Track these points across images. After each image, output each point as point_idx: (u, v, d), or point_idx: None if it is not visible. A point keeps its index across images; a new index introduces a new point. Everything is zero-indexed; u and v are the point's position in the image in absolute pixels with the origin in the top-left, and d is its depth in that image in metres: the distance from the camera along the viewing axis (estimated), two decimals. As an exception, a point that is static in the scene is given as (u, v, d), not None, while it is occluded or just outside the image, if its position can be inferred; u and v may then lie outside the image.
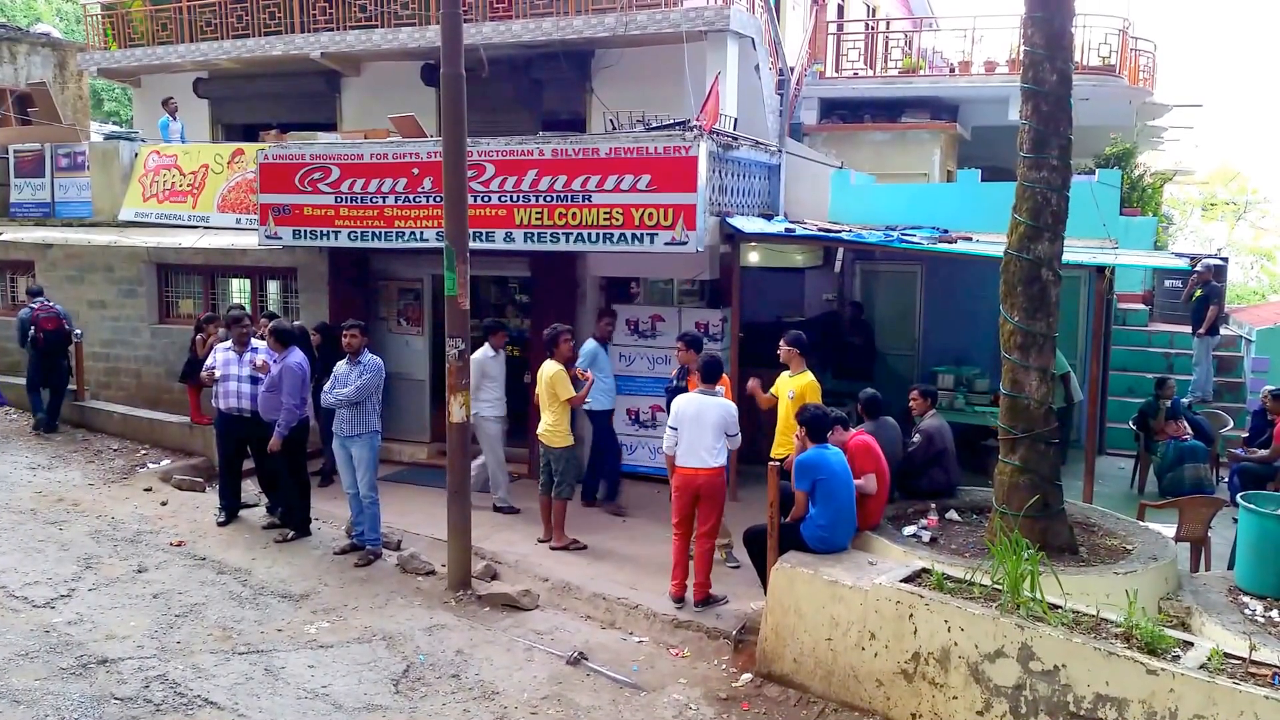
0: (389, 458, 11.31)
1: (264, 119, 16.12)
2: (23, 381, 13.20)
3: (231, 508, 9.96)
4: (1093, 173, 12.73)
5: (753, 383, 9.08)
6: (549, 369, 9.30)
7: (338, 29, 14.90)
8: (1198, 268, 13.37)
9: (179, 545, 9.22)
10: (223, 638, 7.40)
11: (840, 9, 19.51)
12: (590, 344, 10.29)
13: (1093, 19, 15.97)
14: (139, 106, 18.06)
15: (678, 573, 7.94)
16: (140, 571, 8.58)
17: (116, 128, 24.32)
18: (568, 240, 10.09)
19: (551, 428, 9.26)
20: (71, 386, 13.14)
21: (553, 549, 9.24)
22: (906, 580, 6.53)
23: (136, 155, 14.41)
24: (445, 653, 7.29)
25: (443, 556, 8.68)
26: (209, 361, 10.01)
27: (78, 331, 13.19)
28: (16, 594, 8.00)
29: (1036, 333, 7.11)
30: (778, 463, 7.54)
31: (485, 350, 10.18)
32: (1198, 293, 13.39)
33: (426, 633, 7.61)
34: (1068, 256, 7.50)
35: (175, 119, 15.84)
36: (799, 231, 10.55)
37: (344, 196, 11.07)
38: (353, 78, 15.76)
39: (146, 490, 10.83)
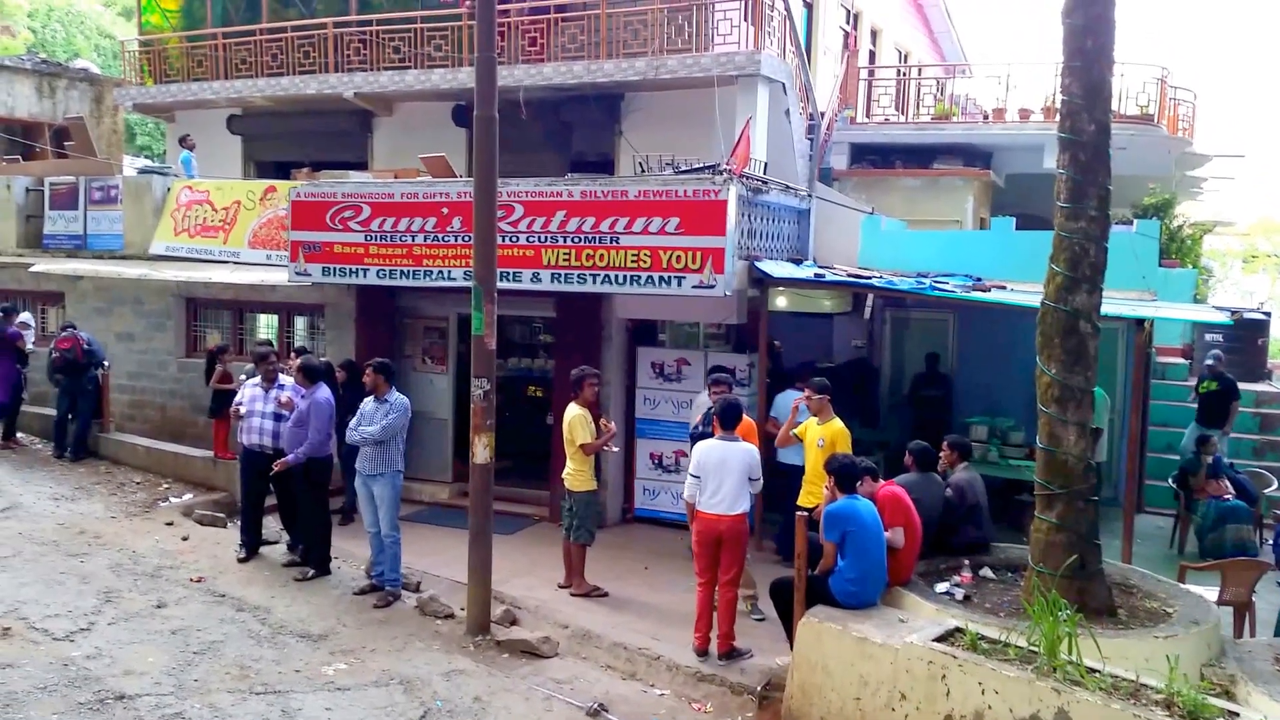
0: (410, 497, 11.21)
1: (296, 156, 16.26)
2: (52, 412, 13.25)
3: (252, 544, 9.90)
4: (1131, 223, 12.60)
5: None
6: (570, 412, 9.18)
7: (371, 69, 15.04)
8: (1207, 359, 12.54)
9: (199, 581, 9.14)
10: (240, 677, 7.30)
11: (872, 55, 19.56)
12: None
13: (1130, 67, 15.88)
14: (172, 142, 18.27)
15: (701, 624, 7.77)
16: (160, 607, 8.51)
17: (149, 162, 24.66)
18: (594, 281, 10.05)
19: (574, 471, 9.15)
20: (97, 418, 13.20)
21: (573, 595, 9.09)
22: (939, 639, 6.33)
23: (169, 190, 14.54)
24: (463, 699, 7.15)
25: (462, 599, 8.56)
26: (236, 397, 10.01)
27: (105, 363, 13.27)
28: (37, 626, 7.94)
29: (1075, 386, 6.95)
30: (806, 512, 7.40)
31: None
32: (1207, 384, 12.27)
33: (445, 678, 7.47)
34: (1106, 308, 7.36)
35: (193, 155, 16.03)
36: (829, 277, 10.47)
37: (374, 235, 11.10)
38: (384, 117, 15.89)
39: (168, 524, 10.79)
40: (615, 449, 9.95)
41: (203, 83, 16.51)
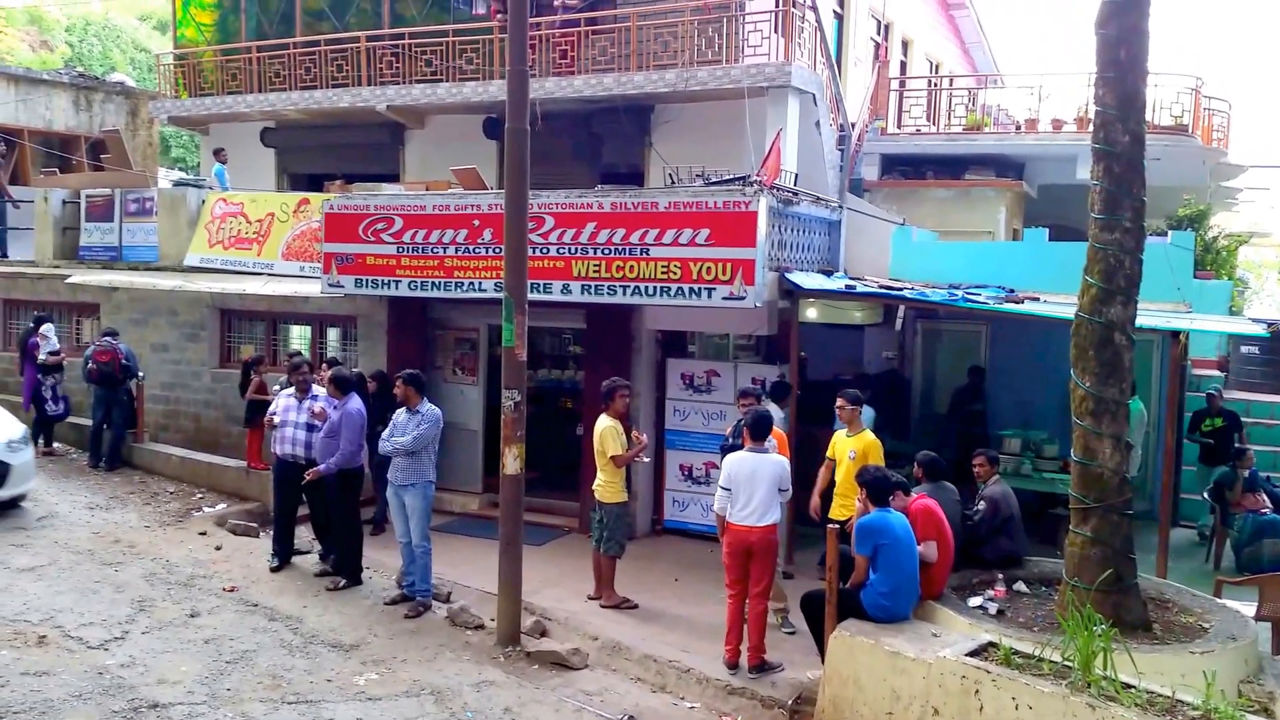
0: (440, 507, 11.24)
1: (329, 169, 16.41)
2: (88, 422, 13.40)
3: (285, 554, 9.96)
4: (1165, 234, 12.47)
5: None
6: (602, 424, 9.18)
7: (403, 83, 15.17)
8: (1210, 390, 12.17)
9: (231, 590, 9.21)
10: (272, 686, 7.34)
11: (903, 65, 19.50)
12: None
13: (1164, 77, 15.74)
14: (206, 154, 18.48)
15: (732, 636, 7.74)
16: (193, 616, 8.58)
17: (184, 174, 24.98)
18: (625, 293, 10.06)
19: (604, 483, 9.15)
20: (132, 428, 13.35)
21: (603, 607, 9.09)
22: (972, 654, 6.29)
23: (204, 202, 14.71)
24: (493, 710, 7.16)
25: (492, 610, 8.57)
26: (270, 408, 10.10)
27: (140, 374, 13.42)
28: (72, 634, 8.03)
29: (1109, 399, 6.90)
30: (837, 525, 7.36)
31: None
32: (1211, 421, 11.75)
33: (475, 689, 7.48)
34: (1141, 320, 7.30)
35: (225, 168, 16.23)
36: (859, 288, 10.42)
37: (405, 246, 11.17)
38: (416, 130, 16.01)
39: (201, 534, 10.88)
40: (646, 459, 9.94)
41: (237, 96, 16.71)
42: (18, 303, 16.13)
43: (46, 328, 13.87)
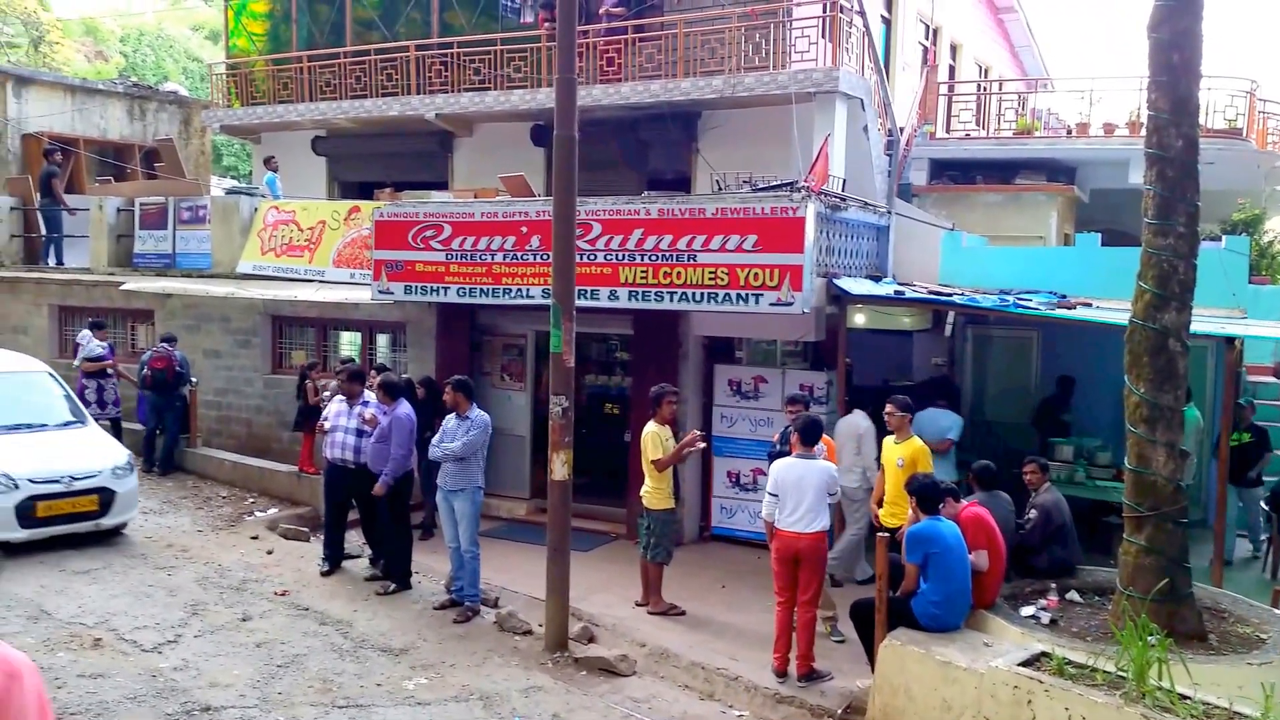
0: (488, 513, 11.28)
1: (378, 177, 16.59)
2: (141, 428, 13.65)
3: (335, 557, 10.08)
4: (1219, 239, 12.23)
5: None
6: (646, 430, 9.19)
7: (451, 91, 15.29)
8: (1243, 402, 11.19)
9: (283, 595, 9.33)
10: (323, 690, 7.42)
11: (951, 69, 19.32)
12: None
13: (1218, 81, 15.45)
14: (257, 163, 18.76)
15: (780, 644, 7.70)
16: (244, 620, 8.70)
17: (236, 182, 25.37)
18: (672, 299, 10.06)
19: (652, 489, 9.14)
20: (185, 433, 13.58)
21: (650, 614, 9.08)
22: (1025, 664, 6.22)
23: (256, 210, 14.93)
24: (541, 716, 7.18)
25: (540, 616, 8.60)
26: (323, 413, 10.24)
27: (194, 379, 13.64)
28: (126, 637, 8.17)
29: (1164, 405, 6.79)
30: (887, 533, 7.30)
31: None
32: (1236, 436, 10.34)
33: (523, 694, 7.51)
34: (1195, 326, 7.18)
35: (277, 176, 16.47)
36: (908, 294, 10.34)
37: (454, 253, 11.26)
38: (464, 138, 16.14)
39: (253, 538, 11.04)
40: (701, 445, 9.54)
41: (288, 105, 16.95)
42: (73, 309, 16.48)
43: (83, 335, 14.14)
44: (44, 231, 17.49)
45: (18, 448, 10.29)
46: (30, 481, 9.89)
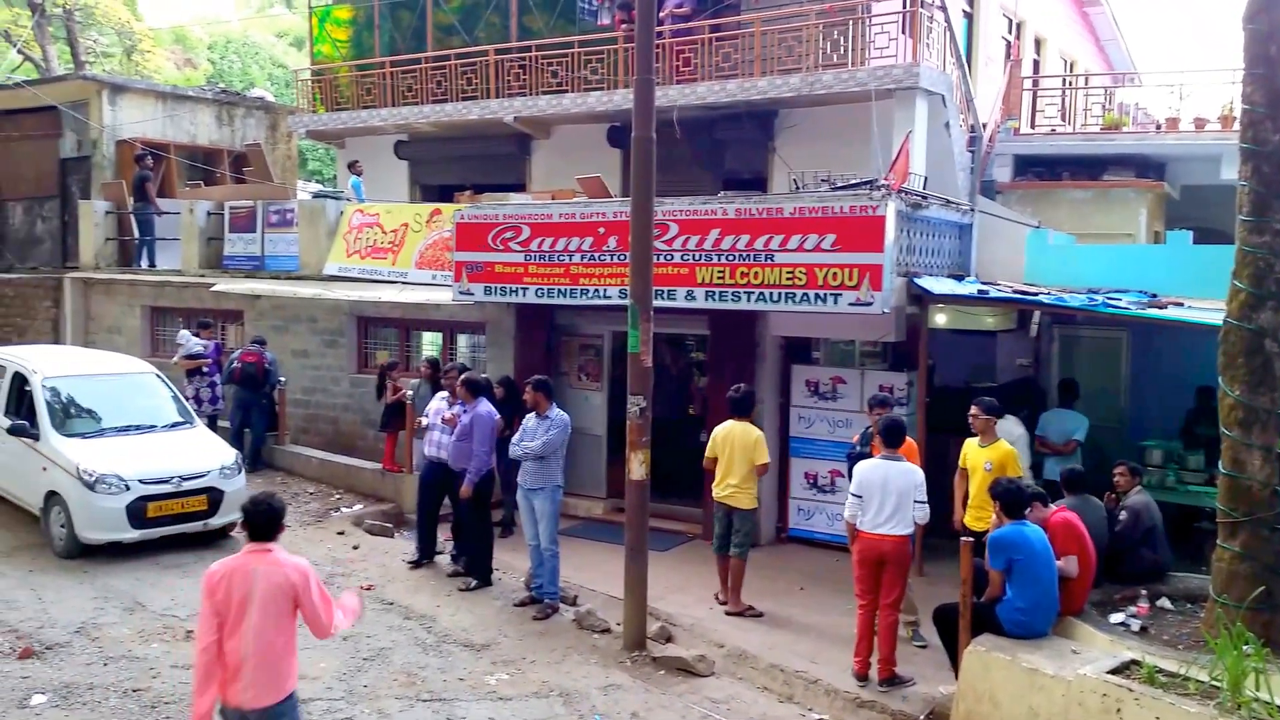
0: (565, 512, 11.33)
1: (458, 180, 16.80)
2: (229, 425, 14.01)
3: (426, 551, 10.32)
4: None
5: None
6: (751, 432, 9.11)
7: (529, 94, 15.43)
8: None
9: (368, 589, 9.51)
10: (407, 684, 7.56)
11: (1036, 64, 18.92)
12: None
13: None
14: (341, 167, 19.10)
15: (861, 647, 7.63)
16: (331, 613, 8.87)
17: (320, 186, 25.91)
18: (749, 299, 10.03)
19: (742, 489, 9.07)
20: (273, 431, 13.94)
21: (729, 614, 9.07)
22: (1114, 671, 6.11)
23: (342, 213, 15.24)
24: (620, 714, 7.23)
25: (617, 614, 8.65)
26: (425, 409, 10.47)
27: (282, 379, 13.99)
28: (218, 629, 8.40)
29: (1260, 408, 6.60)
30: (972, 537, 7.19)
31: None
32: None
33: (602, 692, 7.56)
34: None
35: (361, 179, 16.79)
36: (992, 293, 10.16)
37: (533, 254, 11.38)
38: (542, 140, 16.27)
39: (339, 534, 11.28)
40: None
41: (371, 110, 17.24)
42: (165, 310, 17.04)
43: (183, 334, 14.59)
44: (137, 234, 18.05)
45: (128, 449, 10.56)
46: (140, 482, 10.13)
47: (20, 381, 11.13)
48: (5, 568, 9.70)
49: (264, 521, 5.13)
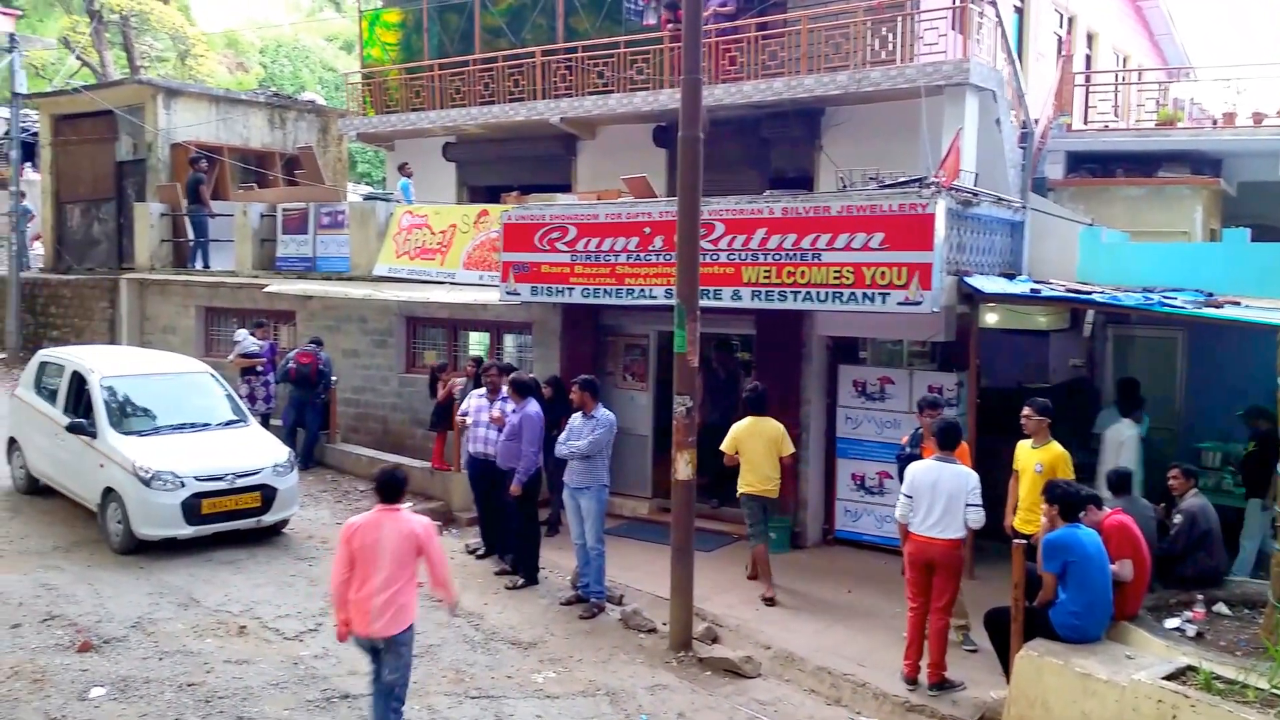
0: (610, 511, 11.32)
1: (505, 181, 16.89)
2: (281, 424, 14.19)
3: (488, 543, 10.56)
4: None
5: None
6: (775, 426, 9.43)
7: (575, 95, 15.47)
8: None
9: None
10: (455, 680, 7.63)
11: (1088, 59, 18.61)
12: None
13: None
14: (390, 169, 19.29)
15: (911, 651, 7.56)
16: (381, 610, 8.97)
17: (370, 188, 26.18)
18: (795, 299, 9.98)
19: (775, 479, 9.40)
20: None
21: (765, 599, 9.33)
22: (1170, 677, 6.01)
23: (391, 215, 15.39)
24: (667, 714, 7.23)
25: (663, 614, 8.65)
26: (462, 407, 10.54)
27: (334, 378, 14.17)
28: (270, 625, 8.54)
29: (1321, 410, 6.43)
30: (1024, 540, 7.09)
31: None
32: (1247, 446, 9.72)
33: (649, 692, 7.57)
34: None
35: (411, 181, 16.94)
36: (1045, 292, 10.00)
37: (579, 255, 11.41)
38: (587, 140, 16.30)
39: (388, 531, 11.35)
40: None
41: (420, 112, 17.38)
42: (219, 310, 17.31)
43: (240, 332, 14.84)
44: (192, 236, 18.38)
45: (183, 447, 10.74)
46: (195, 479, 10.30)
47: (79, 381, 11.34)
48: (64, 563, 9.91)
49: (391, 487, 6.39)
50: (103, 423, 10.78)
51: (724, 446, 9.55)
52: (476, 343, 14.37)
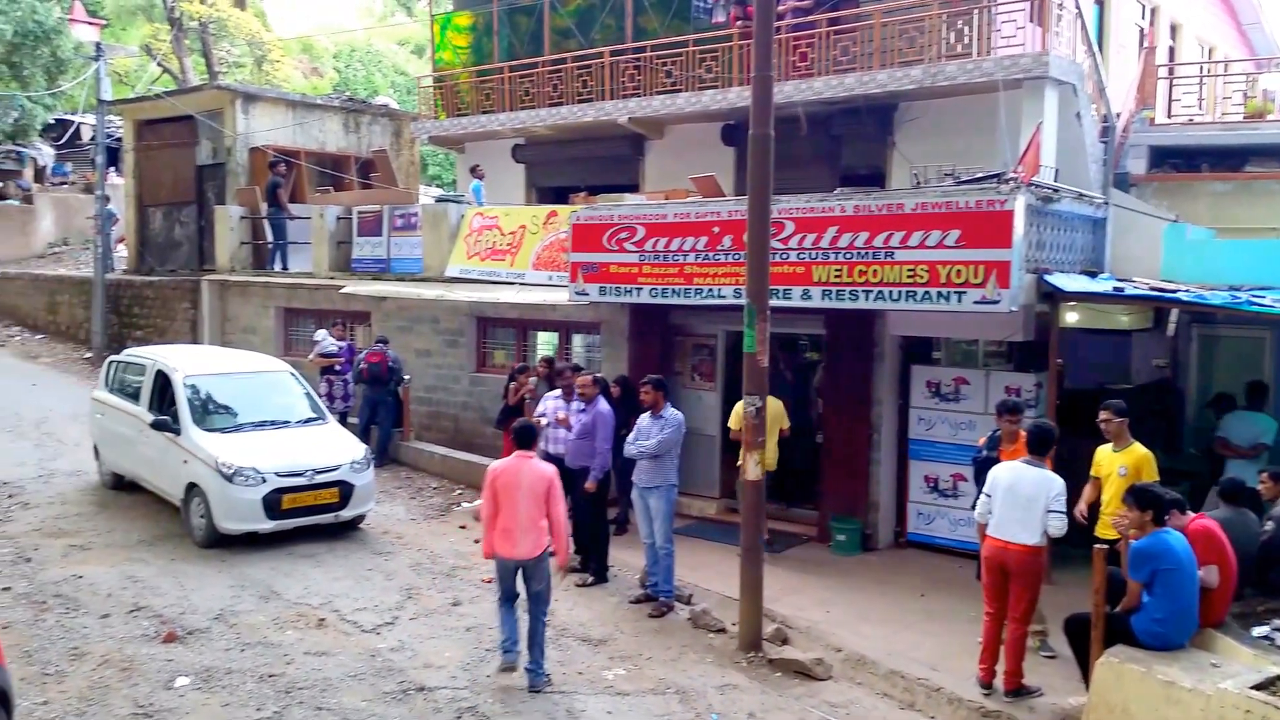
0: (679, 511, 11.31)
1: (573, 182, 16.96)
2: (355, 421, 14.45)
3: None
4: None
5: None
6: (776, 403, 10.17)
7: (644, 94, 15.47)
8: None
9: (489, 582, 9.61)
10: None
11: (1171, 51, 18.10)
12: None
13: None
14: (461, 171, 19.51)
15: (986, 656, 7.41)
16: (455, 604, 9.11)
17: (441, 190, 26.49)
18: (867, 298, 9.85)
19: (774, 453, 10.26)
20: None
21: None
22: (1258, 687, 5.79)
23: (463, 216, 15.55)
24: (737, 714, 7.20)
25: (732, 615, 8.62)
26: (539, 408, 10.61)
27: (407, 377, 14.38)
28: (347, 618, 8.69)
29: None
30: (1105, 545, 6.90)
31: None
32: None
33: (719, 691, 7.55)
34: None
35: (482, 183, 17.09)
36: (1128, 290, 9.73)
37: (647, 255, 11.40)
38: (655, 140, 16.29)
39: (461, 527, 11.53)
40: None
41: (491, 115, 17.52)
42: (297, 311, 17.67)
43: (320, 333, 15.15)
44: (270, 238, 18.77)
45: (264, 444, 10.99)
46: (276, 475, 10.54)
47: (162, 379, 11.65)
48: (149, 556, 10.20)
49: (526, 435, 7.71)
50: (186, 420, 11.06)
51: (730, 424, 10.28)
52: (545, 343, 14.46)
